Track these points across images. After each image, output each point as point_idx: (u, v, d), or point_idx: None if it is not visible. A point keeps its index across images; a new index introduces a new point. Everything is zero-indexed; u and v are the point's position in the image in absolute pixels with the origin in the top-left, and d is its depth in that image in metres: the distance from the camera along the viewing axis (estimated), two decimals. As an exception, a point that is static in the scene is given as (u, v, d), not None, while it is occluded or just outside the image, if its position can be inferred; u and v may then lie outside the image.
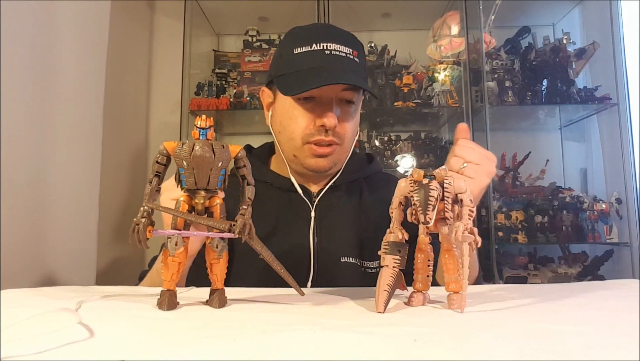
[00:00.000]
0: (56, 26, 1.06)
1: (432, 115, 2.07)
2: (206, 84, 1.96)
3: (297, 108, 0.80)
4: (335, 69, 0.77)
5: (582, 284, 0.73)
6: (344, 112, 0.81)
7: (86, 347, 0.35)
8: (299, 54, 0.79)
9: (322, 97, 0.79)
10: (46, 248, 1.03)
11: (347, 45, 0.79)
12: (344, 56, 0.78)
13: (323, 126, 0.78)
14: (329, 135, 0.79)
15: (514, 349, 0.35)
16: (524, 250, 1.91)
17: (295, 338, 0.38)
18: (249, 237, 0.50)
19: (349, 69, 0.78)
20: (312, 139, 0.79)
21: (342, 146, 0.82)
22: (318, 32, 0.82)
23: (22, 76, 0.96)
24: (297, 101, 0.80)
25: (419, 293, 0.53)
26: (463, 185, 0.51)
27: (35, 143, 1.00)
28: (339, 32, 0.82)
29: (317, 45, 0.78)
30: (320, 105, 0.79)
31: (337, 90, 0.79)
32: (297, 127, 0.80)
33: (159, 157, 0.50)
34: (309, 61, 0.78)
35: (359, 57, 0.81)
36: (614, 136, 1.84)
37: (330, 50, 0.78)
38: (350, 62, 0.79)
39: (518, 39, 2.01)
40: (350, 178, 0.89)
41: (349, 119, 0.82)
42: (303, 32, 0.82)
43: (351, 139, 0.84)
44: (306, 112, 0.79)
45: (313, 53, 0.78)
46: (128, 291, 0.62)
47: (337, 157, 0.83)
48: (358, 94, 0.82)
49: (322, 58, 0.78)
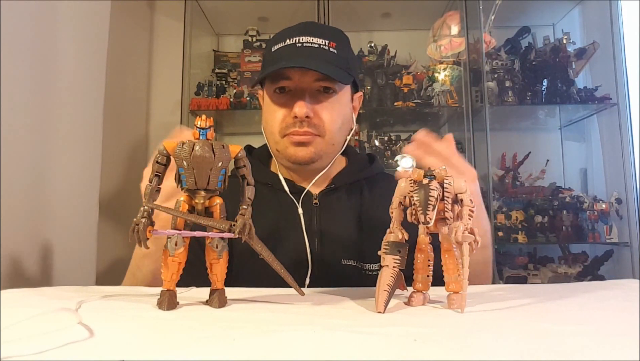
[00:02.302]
0: (56, 26, 1.06)
1: (432, 115, 2.07)
2: (206, 84, 1.96)
3: (273, 103, 0.82)
4: (301, 57, 0.79)
5: (582, 284, 0.73)
6: (321, 102, 0.81)
7: (86, 347, 0.35)
8: (275, 51, 0.82)
9: (295, 88, 0.80)
10: (46, 248, 1.03)
11: (322, 38, 0.80)
12: (316, 47, 0.80)
13: (295, 116, 0.78)
14: (303, 126, 0.79)
15: (514, 349, 0.35)
16: (524, 250, 1.91)
17: (295, 338, 0.38)
18: (249, 237, 0.50)
19: (318, 57, 0.79)
20: (288, 131, 0.80)
21: (323, 138, 0.81)
22: (295, 28, 0.83)
23: (22, 76, 0.96)
24: (273, 95, 0.82)
25: (419, 293, 0.53)
26: (463, 185, 0.51)
27: (35, 143, 1.00)
28: (317, 26, 0.84)
29: (290, 40, 0.81)
30: (293, 97, 0.80)
31: (308, 80, 0.79)
32: (275, 121, 0.81)
33: (159, 157, 0.50)
34: (281, 54, 0.80)
35: (337, 49, 0.81)
36: (614, 136, 1.84)
37: (302, 43, 0.80)
38: (323, 52, 0.80)
39: (518, 39, 2.01)
40: (350, 179, 0.88)
41: (327, 109, 0.81)
42: (284, 31, 0.84)
43: (335, 132, 0.82)
44: (281, 105, 0.81)
45: (285, 47, 0.80)
46: (128, 291, 0.62)
47: (319, 148, 0.81)
48: (337, 84, 0.81)
49: (293, 50, 0.80)
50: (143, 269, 0.74)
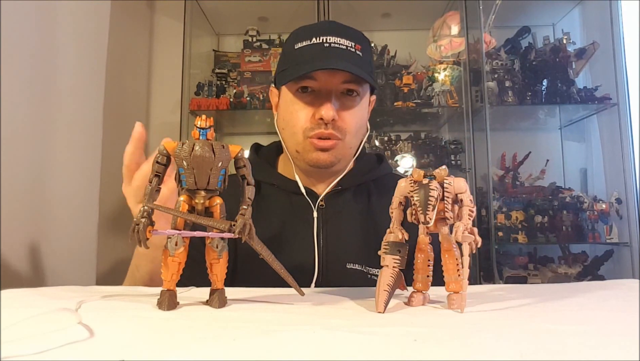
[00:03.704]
0: (56, 26, 1.06)
1: (432, 115, 2.07)
2: (206, 84, 1.96)
3: (297, 102, 0.80)
4: (331, 58, 0.77)
5: (582, 284, 0.73)
6: (345, 105, 0.79)
7: (86, 347, 0.35)
8: (299, 49, 0.79)
9: (320, 89, 0.78)
10: (46, 248, 1.03)
11: (349, 39, 0.79)
12: (344, 48, 0.78)
13: (321, 118, 0.76)
14: (328, 128, 0.77)
15: (514, 349, 0.35)
16: (524, 250, 1.91)
17: (295, 338, 0.38)
18: (249, 237, 0.50)
19: (347, 59, 0.77)
20: (312, 133, 0.78)
21: (344, 141, 0.80)
22: (320, 27, 0.82)
23: (22, 76, 0.96)
24: (297, 94, 0.80)
25: (419, 293, 0.53)
26: (463, 185, 0.51)
27: (35, 143, 1.00)
28: (342, 27, 0.82)
29: (316, 39, 0.78)
30: (319, 97, 0.78)
31: (335, 82, 0.78)
32: (298, 122, 0.79)
33: (158, 157, 0.50)
34: (308, 53, 0.78)
35: (362, 52, 0.80)
36: (614, 136, 1.84)
37: (330, 42, 0.78)
38: (351, 54, 0.78)
39: (518, 39, 2.01)
40: (358, 181, 0.87)
41: (351, 112, 0.80)
42: (306, 28, 0.82)
43: (355, 135, 0.82)
44: (305, 106, 0.79)
45: (312, 46, 0.78)
46: (128, 291, 0.61)
47: (339, 152, 0.80)
48: (361, 87, 0.80)
49: (321, 50, 0.77)
50: (141, 269, 0.74)
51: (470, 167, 1.88)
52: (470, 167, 1.88)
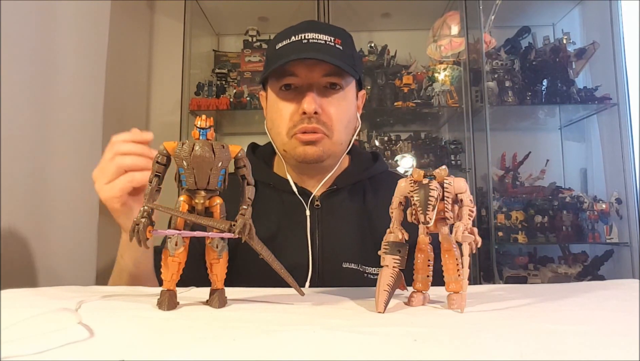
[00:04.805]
0: (56, 26, 1.06)
1: (432, 115, 2.07)
2: (206, 84, 1.96)
3: (280, 101, 0.81)
4: (309, 51, 0.78)
5: (582, 284, 0.73)
6: (328, 99, 0.80)
7: (86, 347, 0.35)
8: (280, 48, 0.80)
9: (302, 85, 0.79)
10: (46, 248, 1.03)
11: (328, 34, 0.80)
12: (322, 43, 0.79)
13: (304, 112, 0.77)
14: (312, 122, 0.78)
15: (514, 349, 0.35)
16: (524, 250, 1.92)
17: (295, 338, 0.38)
18: (249, 237, 0.50)
19: (325, 52, 0.78)
20: (296, 129, 0.79)
21: (331, 138, 0.80)
22: (299, 26, 0.83)
23: (22, 76, 0.96)
24: (280, 93, 0.81)
25: (419, 293, 0.53)
26: (463, 185, 0.51)
27: (35, 143, 1.00)
28: (322, 25, 0.84)
29: (295, 37, 0.80)
30: (301, 93, 0.79)
31: (316, 76, 0.78)
32: (282, 120, 0.80)
33: (158, 157, 0.50)
34: (287, 50, 0.79)
35: (343, 45, 0.80)
36: (614, 136, 1.84)
37: (308, 39, 0.79)
38: (329, 48, 0.79)
39: (518, 39, 2.01)
40: (353, 180, 0.87)
41: (335, 106, 0.80)
42: (287, 29, 0.83)
43: (343, 130, 0.82)
44: (288, 103, 0.80)
45: (291, 44, 0.79)
46: (128, 291, 0.61)
47: (327, 147, 0.80)
48: (344, 80, 0.80)
49: (300, 46, 0.78)
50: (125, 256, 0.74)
51: (470, 167, 1.88)
52: (470, 167, 1.88)
